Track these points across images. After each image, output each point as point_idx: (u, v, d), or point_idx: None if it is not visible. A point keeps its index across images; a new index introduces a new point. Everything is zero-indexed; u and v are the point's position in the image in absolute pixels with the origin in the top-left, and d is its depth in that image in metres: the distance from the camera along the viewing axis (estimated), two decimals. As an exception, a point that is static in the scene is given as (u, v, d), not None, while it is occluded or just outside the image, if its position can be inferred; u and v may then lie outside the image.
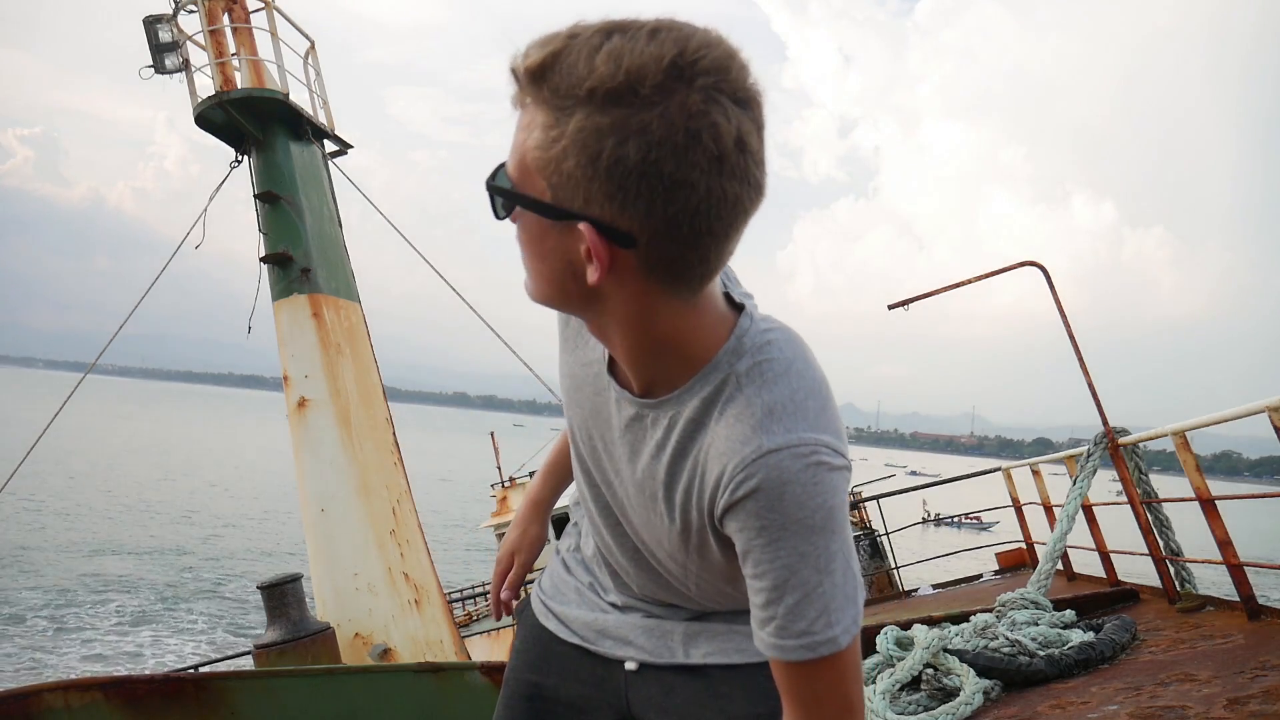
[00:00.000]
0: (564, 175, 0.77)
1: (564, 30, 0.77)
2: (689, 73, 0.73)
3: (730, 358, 0.91)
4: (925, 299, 6.01)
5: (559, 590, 1.32)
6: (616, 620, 1.22)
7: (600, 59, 0.73)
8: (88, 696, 3.22)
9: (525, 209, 0.83)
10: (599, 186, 0.76)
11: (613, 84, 0.73)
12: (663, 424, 0.96)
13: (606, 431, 1.04)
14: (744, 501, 0.87)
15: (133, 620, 18.55)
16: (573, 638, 1.27)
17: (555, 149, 0.76)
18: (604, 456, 1.07)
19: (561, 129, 0.75)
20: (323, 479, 7.13)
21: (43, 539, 26.01)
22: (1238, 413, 3.79)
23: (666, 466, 0.97)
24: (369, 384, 7.76)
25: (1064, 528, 4.99)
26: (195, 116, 7.81)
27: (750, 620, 0.97)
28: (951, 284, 5.91)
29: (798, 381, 0.90)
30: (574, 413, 1.10)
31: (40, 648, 16.22)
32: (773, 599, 0.88)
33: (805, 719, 0.91)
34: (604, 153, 0.74)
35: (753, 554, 0.88)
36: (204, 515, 33.50)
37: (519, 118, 0.80)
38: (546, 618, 1.31)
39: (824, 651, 0.88)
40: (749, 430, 0.87)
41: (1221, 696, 2.77)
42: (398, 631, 6.81)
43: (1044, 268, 5.45)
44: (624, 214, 0.77)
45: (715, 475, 0.90)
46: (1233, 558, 4.00)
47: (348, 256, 8.27)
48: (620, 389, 0.99)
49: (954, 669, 3.51)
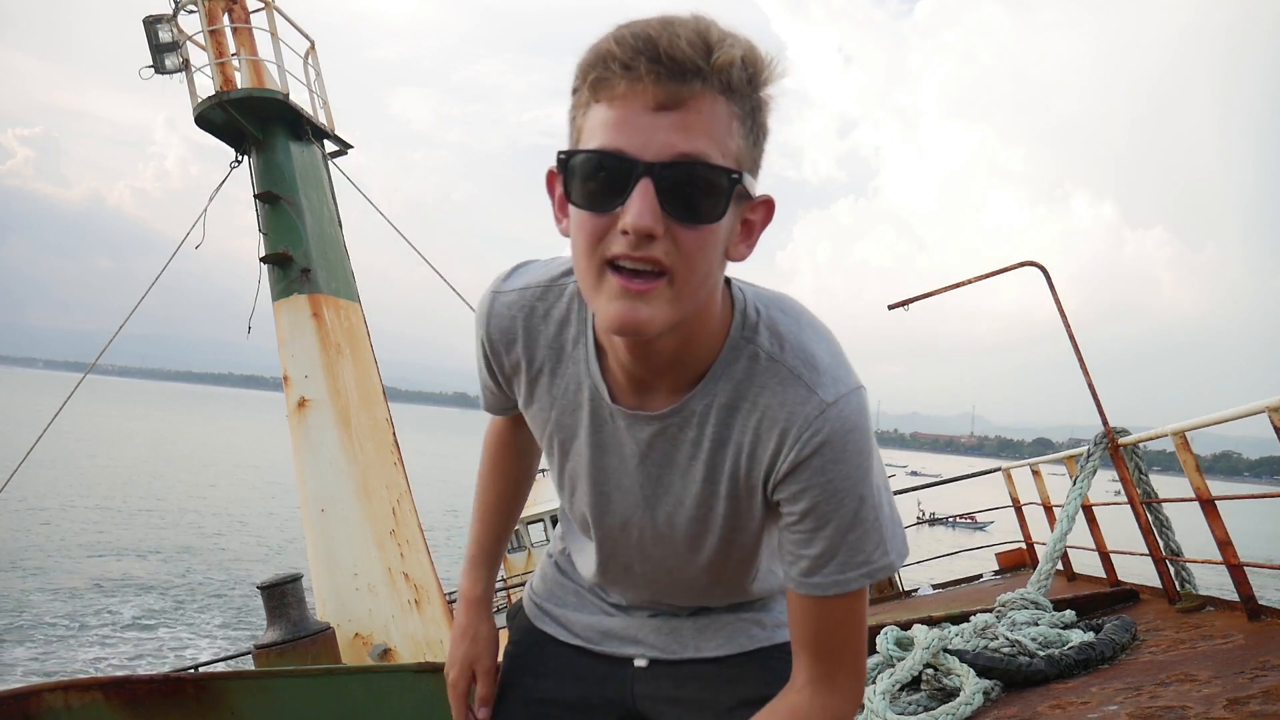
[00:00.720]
0: (754, 160, 0.84)
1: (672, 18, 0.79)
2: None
3: (747, 334, 0.94)
4: (925, 299, 6.01)
5: (554, 593, 1.31)
6: (623, 622, 1.22)
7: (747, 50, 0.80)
8: (88, 696, 3.22)
9: (743, 200, 0.85)
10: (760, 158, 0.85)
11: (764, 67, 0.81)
12: (693, 423, 0.97)
13: (614, 461, 1.03)
14: (810, 458, 0.91)
15: (132, 620, 18.55)
16: (574, 640, 1.26)
17: (749, 142, 0.82)
18: (613, 490, 1.05)
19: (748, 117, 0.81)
20: (323, 479, 7.13)
21: (42, 539, 26.01)
22: (1238, 413, 3.79)
23: (706, 462, 0.98)
24: (369, 384, 7.76)
25: (1064, 528, 4.99)
26: (195, 116, 7.81)
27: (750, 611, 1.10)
28: (951, 284, 5.91)
29: (812, 333, 0.95)
30: (564, 459, 1.08)
31: (40, 648, 16.22)
32: (836, 540, 0.93)
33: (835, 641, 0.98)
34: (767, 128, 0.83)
35: (816, 507, 0.92)
36: (204, 516, 33.49)
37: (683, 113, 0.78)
38: (543, 621, 1.30)
39: (880, 576, 0.96)
40: (803, 391, 0.91)
41: (1221, 697, 2.77)
42: (398, 631, 6.81)
43: (1044, 268, 5.45)
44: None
45: (774, 444, 0.93)
46: (1233, 558, 4.00)
47: (348, 256, 8.28)
48: (631, 411, 0.98)
49: (954, 669, 3.51)
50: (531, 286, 1.04)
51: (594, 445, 1.03)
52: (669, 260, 0.80)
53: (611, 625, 1.23)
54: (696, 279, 0.82)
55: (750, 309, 0.95)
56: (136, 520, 31.12)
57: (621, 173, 0.78)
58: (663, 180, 0.78)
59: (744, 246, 0.88)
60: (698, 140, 0.78)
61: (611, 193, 0.79)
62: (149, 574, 22.89)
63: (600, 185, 0.80)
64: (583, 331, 1.01)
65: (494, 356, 1.08)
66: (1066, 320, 5.37)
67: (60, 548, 25.11)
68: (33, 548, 24.59)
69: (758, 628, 1.18)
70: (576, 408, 1.03)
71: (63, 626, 17.60)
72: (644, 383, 0.96)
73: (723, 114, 0.79)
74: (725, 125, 0.79)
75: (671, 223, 0.79)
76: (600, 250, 0.81)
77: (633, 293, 0.80)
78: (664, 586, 1.15)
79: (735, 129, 0.80)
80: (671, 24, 0.77)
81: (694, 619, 1.19)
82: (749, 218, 0.87)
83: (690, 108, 0.77)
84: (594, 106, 0.80)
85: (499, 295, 1.06)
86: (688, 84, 0.77)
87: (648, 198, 0.78)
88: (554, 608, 1.29)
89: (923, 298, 6.00)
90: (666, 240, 0.79)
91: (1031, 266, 5.53)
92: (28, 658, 15.55)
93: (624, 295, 0.81)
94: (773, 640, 1.17)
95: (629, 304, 0.81)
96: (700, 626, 1.18)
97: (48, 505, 31.58)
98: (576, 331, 1.01)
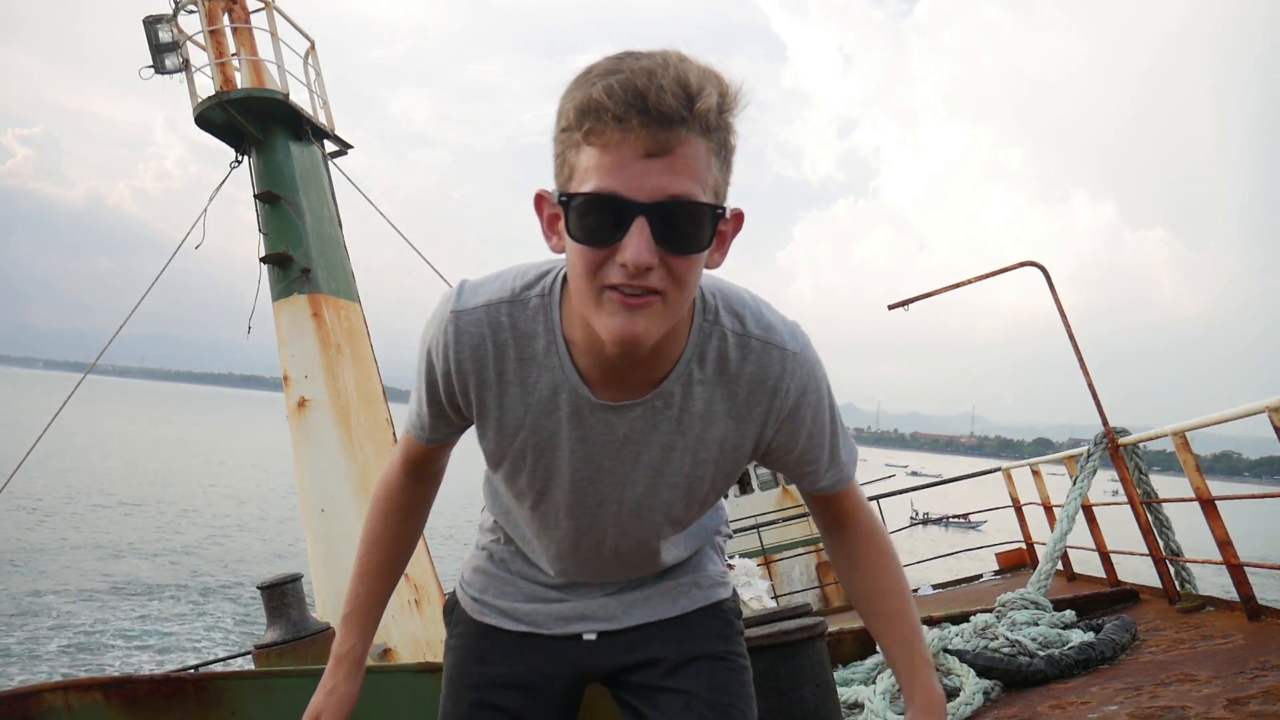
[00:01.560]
0: (727, 181, 0.95)
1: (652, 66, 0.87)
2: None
3: (709, 318, 1.08)
4: (925, 299, 6.02)
5: (491, 585, 1.36)
6: (569, 605, 1.30)
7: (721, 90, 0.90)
8: (87, 696, 3.22)
9: (720, 224, 0.95)
10: (730, 175, 0.96)
11: (734, 101, 0.92)
12: (674, 403, 1.09)
13: (596, 450, 1.12)
14: (801, 398, 1.11)
15: (133, 621, 18.55)
16: (519, 626, 1.32)
17: (722, 169, 0.93)
18: (595, 474, 1.15)
19: (720, 148, 0.92)
20: (323, 479, 7.13)
21: (43, 540, 26.01)
22: (1238, 413, 3.79)
23: (688, 434, 1.11)
24: (369, 384, 7.76)
25: (1064, 528, 4.99)
26: (195, 117, 7.81)
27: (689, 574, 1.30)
28: (951, 284, 5.92)
29: (754, 304, 1.12)
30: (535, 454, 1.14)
31: (40, 649, 16.22)
32: (832, 451, 1.17)
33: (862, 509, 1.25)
34: (734, 145, 0.94)
35: (812, 436, 1.14)
36: (204, 516, 33.50)
37: (671, 158, 0.88)
38: (483, 613, 1.35)
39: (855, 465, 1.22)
40: (775, 352, 1.09)
41: (1221, 697, 2.77)
42: (398, 631, 6.81)
43: (1044, 268, 5.45)
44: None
45: (764, 401, 1.10)
46: (1233, 558, 4.00)
47: (348, 256, 8.27)
48: (612, 403, 1.08)
49: (954, 669, 3.51)
50: (495, 303, 1.09)
51: (576, 439, 1.11)
52: (662, 285, 0.92)
53: (558, 609, 1.30)
54: (685, 295, 0.95)
55: (707, 296, 1.09)
56: (135, 520, 31.12)
57: (618, 213, 0.88)
58: (655, 219, 0.89)
59: (719, 255, 0.99)
60: (684, 182, 0.89)
61: (609, 230, 0.89)
62: (147, 574, 22.89)
63: (599, 223, 0.90)
64: (553, 340, 1.08)
65: (459, 377, 1.10)
66: (1066, 320, 5.37)
67: (58, 548, 25.12)
68: (33, 548, 24.60)
69: (696, 589, 1.32)
70: (554, 410, 1.10)
71: (78, 630, 17.61)
72: (622, 376, 1.06)
73: (703, 153, 0.90)
74: (705, 163, 0.90)
75: (664, 254, 0.90)
76: (599, 278, 0.92)
77: (631, 306, 0.92)
78: (625, 559, 1.25)
79: (712, 163, 0.92)
80: (654, 75, 0.86)
81: (640, 589, 1.30)
82: (722, 230, 0.97)
83: (676, 153, 0.88)
84: (586, 148, 0.89)
85: (462, 315, 1.08)
86: (674, 131, 0.87)
87: (644, 235, 0.88)
88: (494, 599, 1.34)
89: (923, 298, 6.00)
90: (660, 269, 0.91)
91: (1031, 266, 5.53)
92: (28, 659, 15.55)
93: (623, 311, 0.92)
94: (709, 599, 1.33)
95: (628, 319, 0.92)
96: (646, 595, 1.30)
97: (47, 505, 31.59)
98: (546, 342, 1.08)
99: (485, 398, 1.11)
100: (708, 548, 1.38)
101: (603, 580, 1.30)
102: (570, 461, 1.13)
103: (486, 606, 1.34)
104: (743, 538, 11.71)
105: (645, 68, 0.87)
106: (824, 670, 2.85)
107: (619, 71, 0.87)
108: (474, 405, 1.12)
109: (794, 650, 2.76)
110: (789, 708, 2.75)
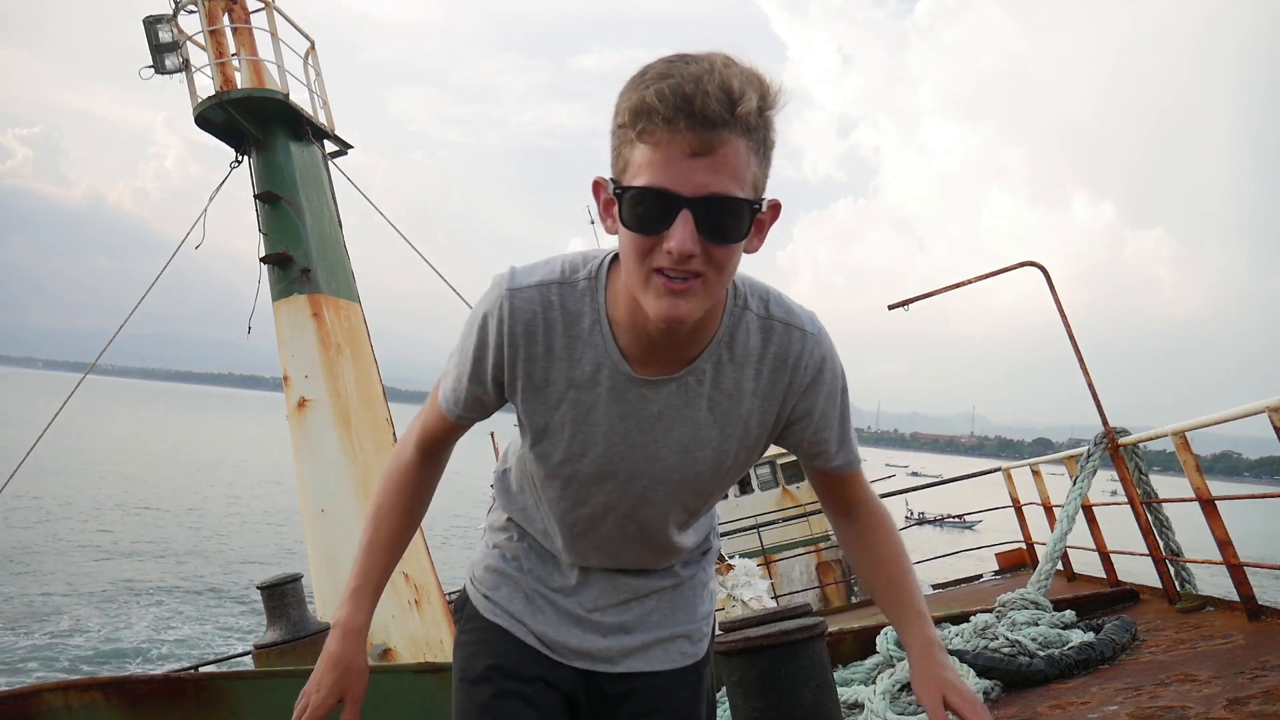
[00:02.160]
0: (764, 179, 1.05)
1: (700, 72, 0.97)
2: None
3: (739, 303, 1.20)
4: (925, 299, 6.01)
5: (504, 583, 1.41)
6: (579, 640, 1.37)
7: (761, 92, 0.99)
8: (88, 696, 3.22)
9: (757, 215, 1.05)
10: (769, 168, 1.06)
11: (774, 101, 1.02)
12: (706, 379, 1.19)
13: (632, 425, 1.22)
14: (818, 374, 1.22)
15: (132, 621, 18.55)
16: (529, 639, 1.37)
17: (761, 164, 1.03)
18: (630, 446, 1.23)
19: (760, 145, 1.02)
20: (323, 479, 7.13)
21: (43, 540, 26.00)
22: (1238, 413, 3.79)
23: (718, 408, 1.21)
24: (369, 384, 7.76)
25: (1064, 528, 4.99)
26: (195, 117, 7.81)
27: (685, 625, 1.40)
28: (951, 284, 5.92)
29: (775, 293, 1.23)
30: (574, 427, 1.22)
31: (43, 649, 16.21)
32: (842, 432, 1.27)
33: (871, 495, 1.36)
34: (774, 140, 1.04)
35: (826, 413, 1.24)
36: (204, 516, 33.49)
37: (714, 158, 0.98)
38: (495, 614, 1.40)
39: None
40: (797, 334, 1.21)
41: (1221, 697, 2.77)
42: (398, 631, 6.81)
43: (1044, 268, 5.45)
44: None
45: (787, 377, 1.21)
46: (1233, 558, 4.00)
47: (348, 256, 8.27)
48: (650, 378, 1.18)
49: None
50: (547, 283, 1.19)
51: (615, 415, 1.21)
52: (703, 269, 1.02)
53: (564, 638, 1.37)
54: (724, 279, 1.06)
55: (739, 285, 1.20)
56: (135, 521, 31.12)
57: (666, 206, 0.99)
58: (698, 212, 0.99)
59: (757, 241, 1.10)
60: (725, 180, 0.99)
61: (657, 220, 1.00)
62: (147, 574, 22.88)
63: (648, 214, 1.01)
64: (598, 320, 1.18)
65: (510, 350, 1.18)
66: (1066, 320, 5.37)
67: (58, 549, 25.11)
68: (33, 549, 24.59)
69: (687, 643, 1.42)
70: (594, 385, 1.19)
71: (78, 630, 17.60)
72: (661, 353, 1.17)
73: (743, 152, 1.00)
74: (745, 161, 1.00)
75: (706, 243, 1.01)
76: (648, 262, 1.03)
77: (675, 291, 1.03)
78: (647, 540, 1.33)
79: (752, 160, 1.01)
80: (701, 81, 0.96)
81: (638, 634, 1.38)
82: (760, 219, 1.08)
83: (719, 153, 0.98)
84: (639, 145, 1.00)
85: (517, 293, 1.18)
86: (716, 133, 0.97)
87: (688, 226, 0.99)
88: (505, 602, 1.40)
89: (923, 298, 6.00)
90: (702, 256, 1.01)
91: (1031, 266, 5.53)
92: (30, 659, 15.55)
93: (668, 293, 1.03)
94: (694, 657, 1.43)
95: (672, 300, 1.03)
96: (645, 643, 1.39)
97: (46, 506, 31.58)
98: (591, 321, 1.18)
99: (532, 370, 1.19)
100: (707, 564, 1.48)
101: (619, 566, 1.37)
102: (607, 436, 1.22)
103: (498, 608, 1.40)
104: (743, 538, 11.70)
105: (694, 73, 0.96)
106: (824, 670, 2.85)
107: (670, 76, 0.97)
108: (520, 378, 1.20)
109: (794, 650, 2.76)
110: (789, 708, 2.75)
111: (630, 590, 1.39)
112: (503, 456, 1.49)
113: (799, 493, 15.99)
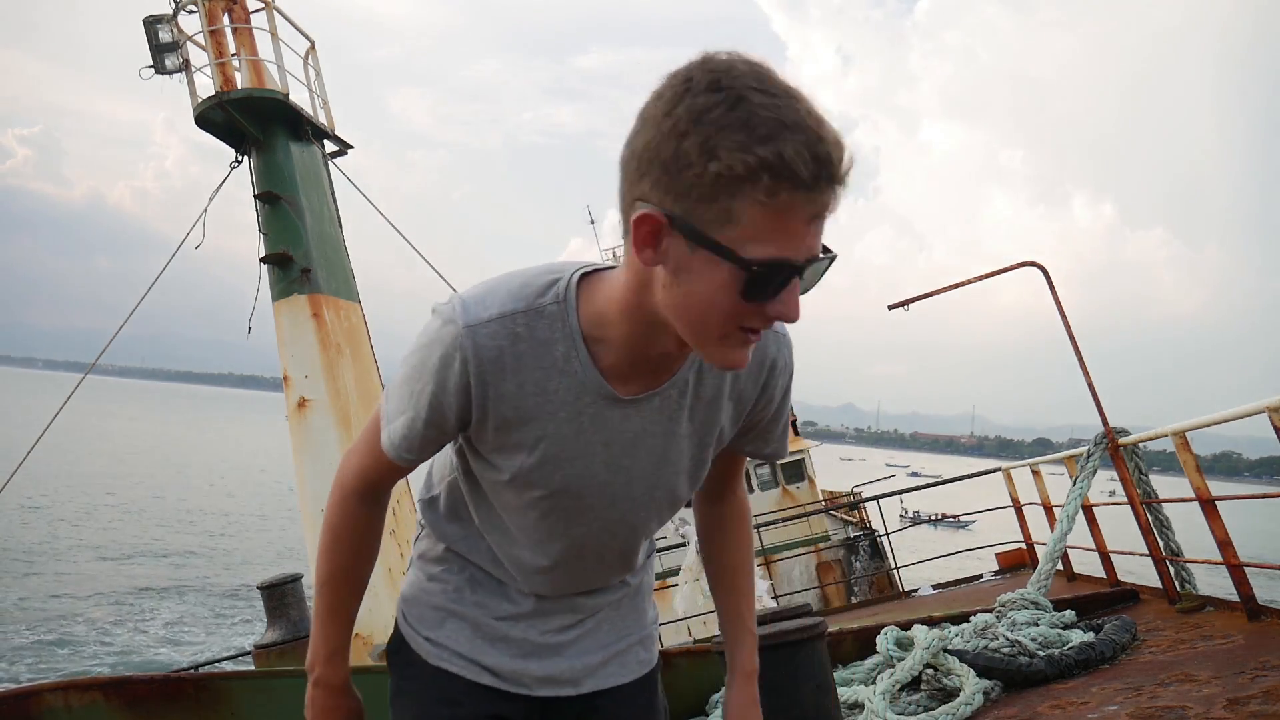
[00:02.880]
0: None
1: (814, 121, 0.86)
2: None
3: None
4: (925, 299, 6.01)
5: (448, 621, 1.30)
6: (539, 666, 1.29)
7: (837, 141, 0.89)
8: (88, 696, 3.22)
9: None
10: None
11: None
12: (688, 390, 1.15)
13: (617, 450, 1.15)
14: (785, 370, 1.22)
15: (133, 621, 18.55)
16: (482, 678, 1.28)
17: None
18: (607, 477, 1.17)
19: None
20: (323, 479, 7.12)
21: (43, 541, 26.00)
22: (1238, 413, 3.79)
23: (698, 417, 1.18)
24: (369, 384, 7.76)
25: (1064, 528, 4.99)
26: (195, 117, 7.81)
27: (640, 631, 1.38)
28: (951, 284, 5.92)
29: None
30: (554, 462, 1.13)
31: (41, 650, 16.21)
32: (784, 422, 1.29)
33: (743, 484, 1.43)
34: None
35: (781, 406, 1.25)
36: (204, 516, 33.49)
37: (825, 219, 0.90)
38: (441, 658, 1.29)
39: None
40: (773, 334, 1.19)
41: (1221, 697, 2.77)
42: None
43: (1044, 268, 5.45)
44: None
45: (766, 372, 1.20)
46: (1233, 558, 4.00)
47: (348, 256, 8.28)
48: (633, 397, 1.12)
49: (954, 669, 3.51)
50: (509, 314, 1.06)
51: (597, 442, 1.13)
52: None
53: (523, 667, 1.28)
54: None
55: None
56: (137, 521, 31.11)
57: (785, 276, 0.90)
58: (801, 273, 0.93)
59: None
60: (823, 237, 0.93)
61: (776, 289, 0.91)
62: (147, 574, 22.88)
63: (770, 285, 0.90)
64: (573, 346, 1.07)
65: (479, 390, 1.06)
66: (1066, 320, 5.37)
67: (58, 550, 25.10)
68: (34, 550, 24.58)
69: (642, 650, 1.39)
70: (575, 415, 1.10)
71: (75, 631, 17.59)
72: (649, 368, 1.10)
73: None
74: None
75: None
76: (738, 321, 0.94)
77: (751, 343, 0.98)
78: (618, 558, 1.29)
79: None
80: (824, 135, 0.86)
81: (599, 654, 1.34)
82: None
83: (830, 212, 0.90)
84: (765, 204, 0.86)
85: (477, 329, 1.05)
86: (838, 194, 0.89)
87: (796, 293, 0.93)
88: (450, 642, 1.29)
89: (923, 298, 6.00)
90: None
91: (1031, 266, 5.53)
92: (28, 660, 15.55)
93: (745, 346, 0.97)
94: (648, 666, 1.41)
95: (745, 352, 0.98)
96: (605, 659, 1.34)
97: (46, 506, 31.57)
98: (566, 348, 1.07)
99: (503, 408, 1.08)
100: (650, 568, 1.46)
101: (585, 588, 1.30)
102: (589, 465, 1.14)
103: (444, 649, 1.29)
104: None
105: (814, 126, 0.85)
106: (824, 670, 2.85)
107: (799, 129, 0.84)
108: (490, 418, 1.09)
109: (794, 650, 2.76)
110: (789, 708, 2.75)
111: (586, 609, 1.32)
112: (426, 482, 1.36)
113: (799, 493, 15.99)
